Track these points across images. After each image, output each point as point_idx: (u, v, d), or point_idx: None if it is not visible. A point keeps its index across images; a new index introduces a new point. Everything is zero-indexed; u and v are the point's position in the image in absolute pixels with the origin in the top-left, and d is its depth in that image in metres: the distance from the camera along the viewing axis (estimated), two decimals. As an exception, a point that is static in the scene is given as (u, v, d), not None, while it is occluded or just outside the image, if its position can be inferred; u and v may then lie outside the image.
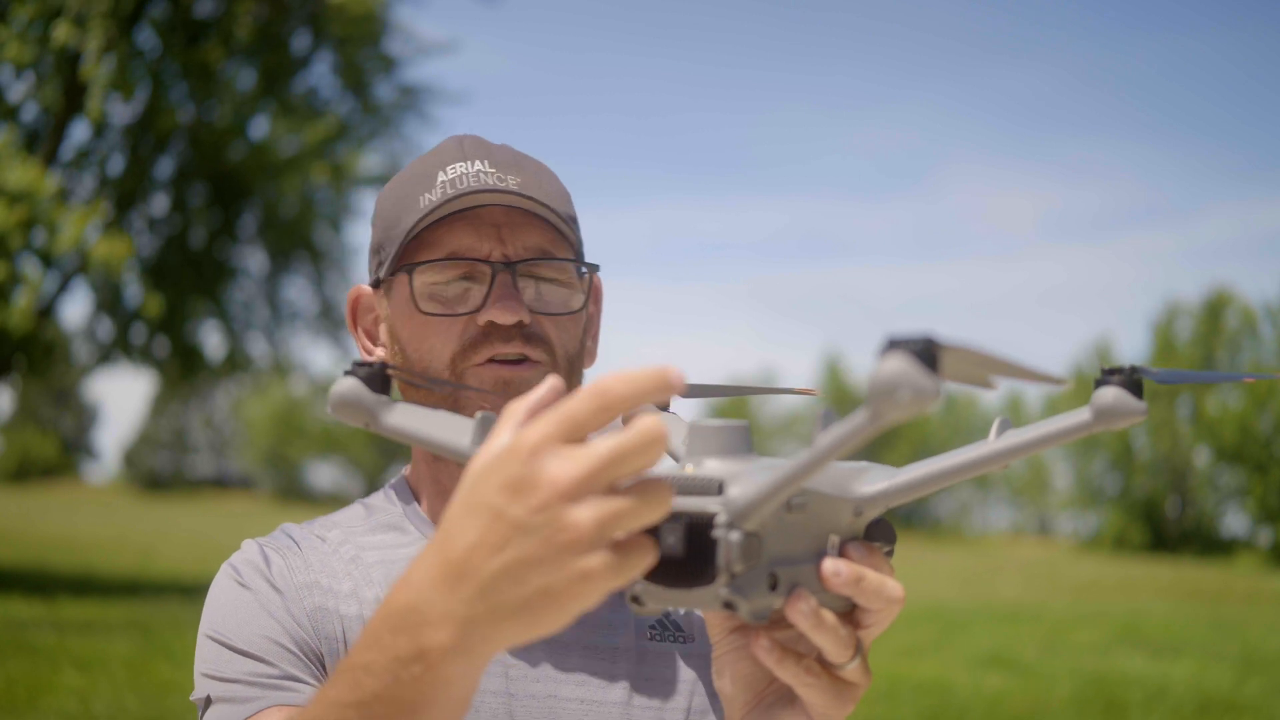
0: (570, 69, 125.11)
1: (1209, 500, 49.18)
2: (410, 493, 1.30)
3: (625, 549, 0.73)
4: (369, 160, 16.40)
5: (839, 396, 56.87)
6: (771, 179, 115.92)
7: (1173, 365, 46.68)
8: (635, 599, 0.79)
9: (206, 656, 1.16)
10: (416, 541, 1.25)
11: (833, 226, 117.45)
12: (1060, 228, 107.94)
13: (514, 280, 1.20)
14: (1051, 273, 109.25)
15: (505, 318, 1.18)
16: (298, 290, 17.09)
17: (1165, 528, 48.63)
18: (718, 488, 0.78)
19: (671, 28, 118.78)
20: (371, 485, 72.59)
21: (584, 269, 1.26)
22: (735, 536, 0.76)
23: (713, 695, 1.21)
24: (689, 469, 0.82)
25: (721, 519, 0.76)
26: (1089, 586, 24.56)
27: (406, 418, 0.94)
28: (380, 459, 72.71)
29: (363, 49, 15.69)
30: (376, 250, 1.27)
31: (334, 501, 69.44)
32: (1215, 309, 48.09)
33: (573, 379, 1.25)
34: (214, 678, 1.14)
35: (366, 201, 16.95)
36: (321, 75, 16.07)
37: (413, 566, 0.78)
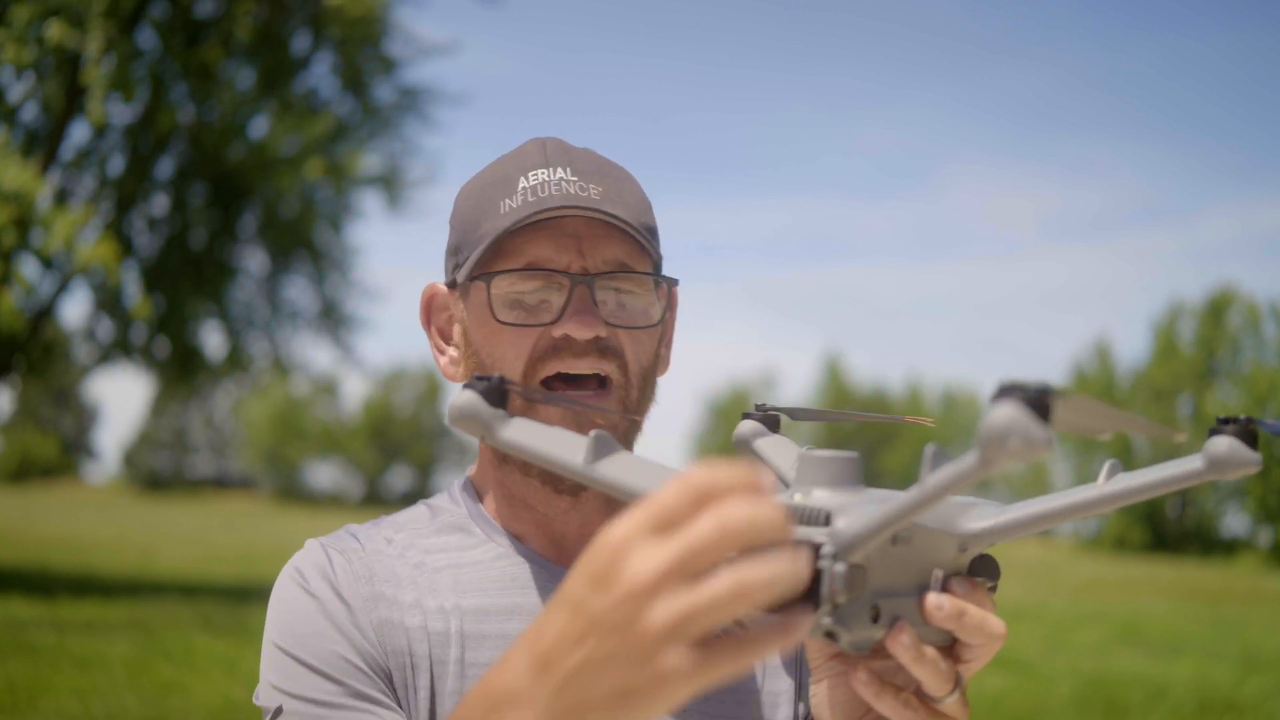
0: (571, 69, 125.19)
1: (1209, 500, 49.19)
2: (475, 494, 1.30)
3: (710, 649, 0.70)
4: (369, 161, 16.41)
5: (838, 397, 56.85)
6: (772, 179, 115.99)
7: (1174, 364, 46.77)
8: (739, 623, 0.79)
9: (276, 667, 1.15)
10: (481, 544, 1.24)
11: (834, 227, 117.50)
12: (1061, 227, 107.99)
13: (592, 294, 1.18)
14: (1052, 273, 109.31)
15: (581, 332, 1.17)
16: (298, 290, 17.11)
17: (1166, 528, 48.65)
18: (825, 518, 0.79)
19: (672, 28, 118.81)
20: (371, 485, 72.61)
21: (661, 281, 1.24)
22: (840, 568, 0.76)
23: (775, 706, 1.23)
24: (797, 498, 0.83)
25: (827, 550, 0.77)
26: (1089, 586, 24.55)
27: (522, 433, 0.95)
28: (380, 460, 72.73)
29: (362, 50, 15.69)
30: (454, 251, 1.26)
31: (334, 502, 69.48)
32: (1218, 308, 48.07)
33: (645, 391, 1.24)
34: (286, 692, 1.13)
35: (366, 202, 16.98)
36: (321, 76, 16.08)
37: (511, 649, 0.79)
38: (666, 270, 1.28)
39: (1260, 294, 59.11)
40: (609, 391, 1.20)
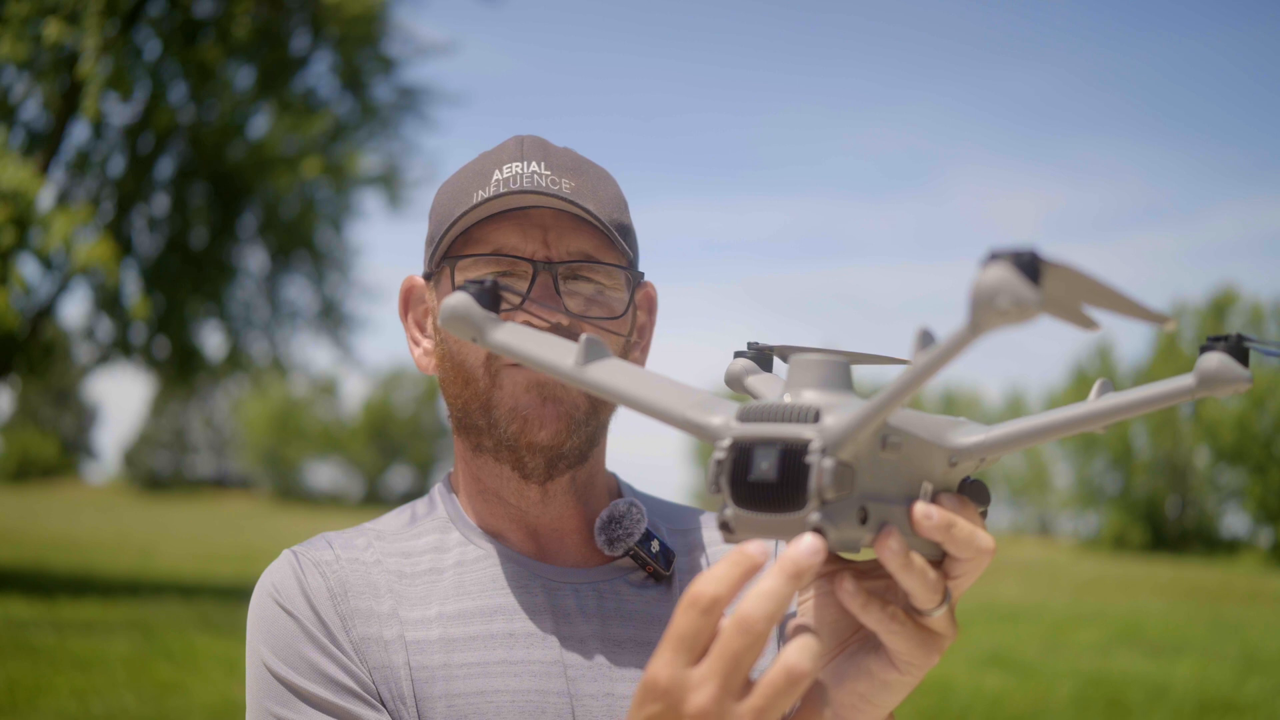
0: (571, 69, 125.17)
1: (1209, 500, 49.17)
2: (450, 491, 1.31)
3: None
4: (368, 160, 16.40)
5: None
6: (774, 179, 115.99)
7: (1175, 364, 46.75)
8: (725, 525, 0.80)
9: (267, 690, 1.16)
10: (460, 545, 1.25)
11: (835, 227, 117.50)
12: (1064, 228, 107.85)
13: (555, 282, 1.19)
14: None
15: (542, 320, 1.18)
16: (298, 290, 17.10)
17: (1166, 527, 48.64)
18: (814, 415, 0.79)
19: (673, 28, 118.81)
20: (371, 485, 72.59)
21: (630, 276, 1.25)
22: (828, 463, 0.76)
23: None
24: (787, 398, 0.83)
25: (816, 445, 0.77)
26: (1089, 586, 24.53)
27: (513, 335, 0.95)
28: (380, 460, 72.72)
29: (361, 49, 15.67)
30: (429, 242, 1.27)
31: (333, 502, 69.48)
32: (1221, 307, 48.06)
33: None
34: (271, 715, 1.14)
35: (366, 201, 16.97)
36: (320, 75, 16.07)
37: None
38: (668, 272, 1.32)
39: (1262, 294, 59.13)
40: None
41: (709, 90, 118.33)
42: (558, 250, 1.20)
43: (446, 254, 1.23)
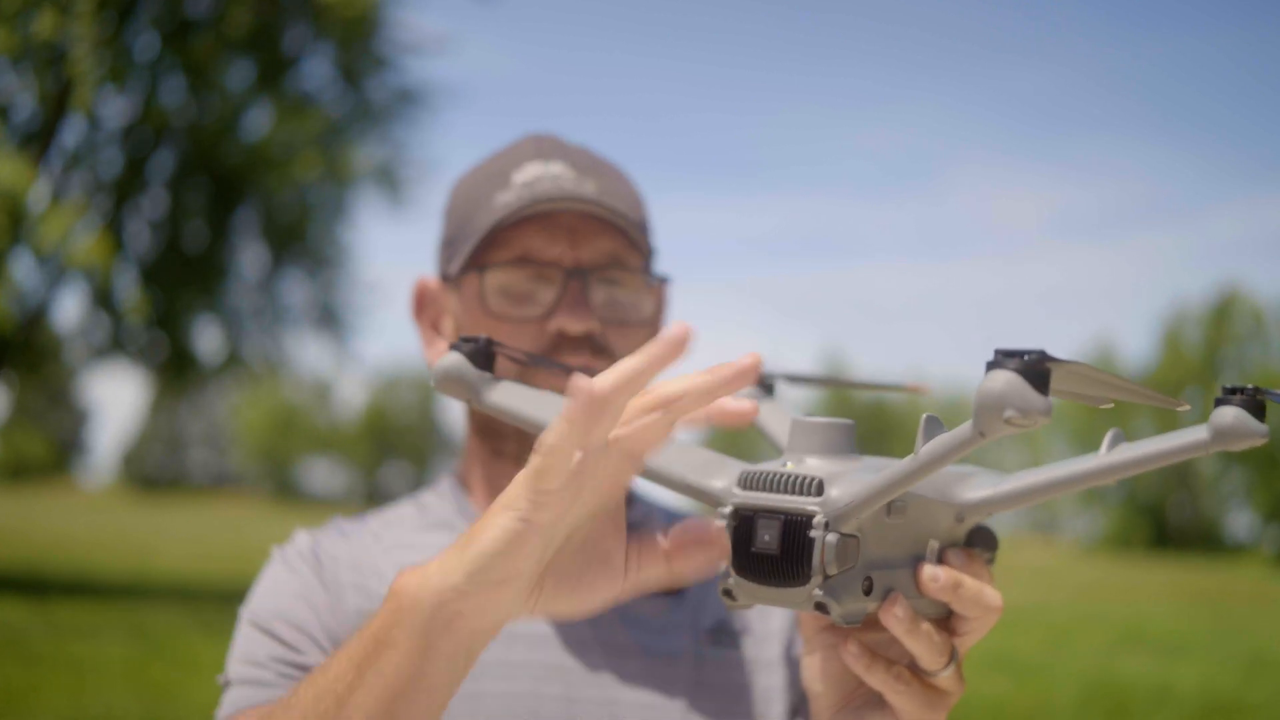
0: (571, 68, 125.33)
1: (1213, 502, 49.19)
2: (462, 489, 1.29)
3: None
4: (365, 159, 16.37)
5: (838, 396, 56.83)
6: (775, 179, 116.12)
7: (1178, 364, 46.78)
8: (728, 593, 0.80)
9: (239, 639, 1.16)
10: None
11: (835, 226, 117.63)
12: (1065, 227, 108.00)
13: (585, 288, 1.19)
14: (1055, 273, 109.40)
15: (575, 327, 1.18)
16: (295, 289, 17.08)
17: (1169, 529, 48.66)
18: (817, 487, 0.78)
19: (673, 27, 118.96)
20: (369, 485, 72.63)
21: (652, 278, 1.25)
22: (832, 539, 0.76)
23: (769, 702, 1.21)
24: (789, 466, 0.82)
25: (819, 520, 0.77)
26: (1092, 588, 24.56)
27: (508, 396, 0.94)
28: (378, 460, 72.82)
29: (357, 47, 15.64)
30: (447, 244, 1.27)
31: (331, 502, 69.48)
32: (1224, 308, 48.08)
33: None
34: (241, 660, 1.13)
35: (364, 201, 16.95)
36: (317, 73, 16.03)
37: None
38: (667, 270, 1.28)
39: (1265, 293, 59.19)
40: None
41: (709, 90, 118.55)
42: (585, 254, 1.20)
43: (472, 260, 1.21)
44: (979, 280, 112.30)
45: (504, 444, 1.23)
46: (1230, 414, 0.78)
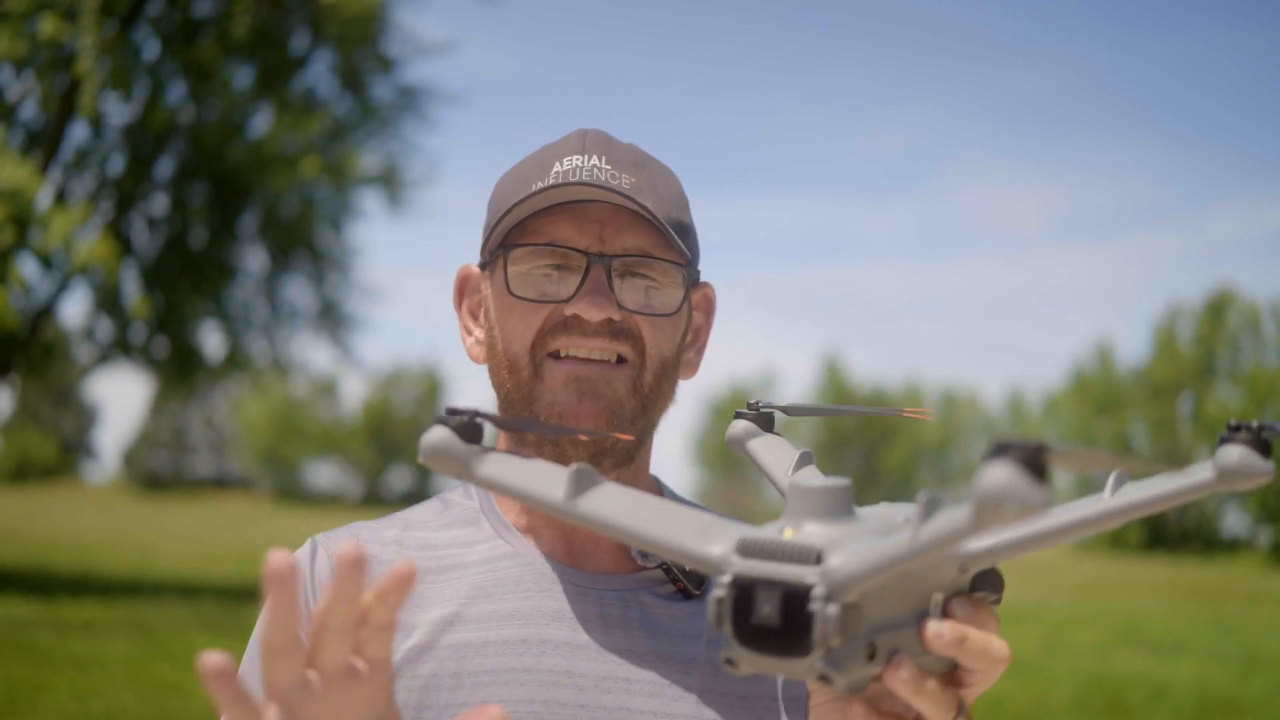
0: (572, 69, 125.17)
1: (1209, 500, 49.12)
2: None
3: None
4: (367, 160, 16.40)
5: (838, 397, 56.80)
6: (775, 179, 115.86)
7: (1174, 363, 46.76)
8: (730, 661, 0.78)
9: (247, 654, 1.16)
10: (489, 539, 1.23)
11: (836, 226, 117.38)
12: (1064, 227, 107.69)
13: (608, 277, 1.18)
14: (1054, 272, 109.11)
15: (592, 313, 1.17)
16: (297, 290, 17.11)
17: (1165, 527, 48.61)
18: (816, 557, 0.76)
19: (673, 28, 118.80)
20: (371, 485, 72.55)
21: (687, 275, 1.24)
22: (833, 610, 0.74)
23: (783, 712, 1.19)
24: (788, 533, 0.80)
25: (819, 591, 0.75)
26: (1089, 586, 24.52)
27: (499, 468, 0.92)
28: (380, 459, 72.69)
29: (360, 49, 15.67)
30: (486, 231, 1.26)
31: (333, 502, 69.43)
32: (1218, 308, 48.03)
33: (662, 382, 1.23)
34: (244, 677, 1.13)
35: (366, 201, 16.98)
36: (319, 75, 16.06)
37: None
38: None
39: (1263, 294, 59.10)
40: (624, 368, 1.20)
41: (709, 90, 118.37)
42: (613, 246, 1.19)
43: (502, 243, 1.21)
44: (979, 280, 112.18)
45: (523, 436, 1.23)
46: (1235, 453, 0.80)
